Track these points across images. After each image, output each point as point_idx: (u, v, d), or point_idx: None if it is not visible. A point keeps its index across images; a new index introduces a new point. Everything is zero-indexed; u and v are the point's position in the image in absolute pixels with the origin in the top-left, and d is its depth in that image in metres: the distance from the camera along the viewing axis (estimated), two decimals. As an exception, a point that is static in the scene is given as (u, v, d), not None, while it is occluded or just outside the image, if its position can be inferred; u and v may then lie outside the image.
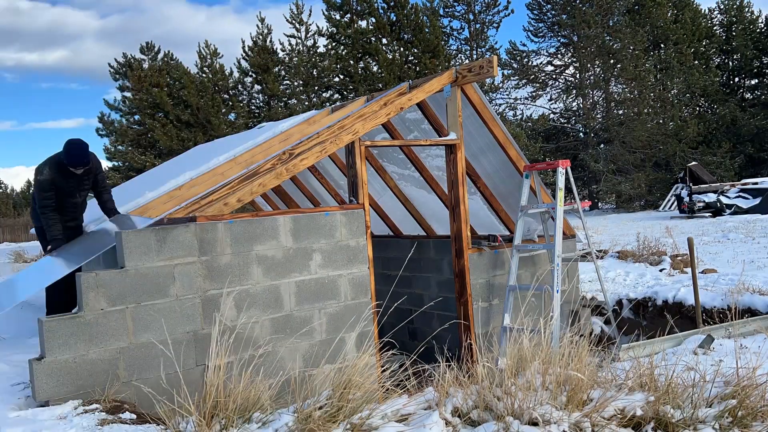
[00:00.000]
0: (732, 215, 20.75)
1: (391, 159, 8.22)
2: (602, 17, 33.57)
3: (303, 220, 5.30)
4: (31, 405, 4.13)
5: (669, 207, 25.14)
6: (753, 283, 7.76)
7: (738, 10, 40.65)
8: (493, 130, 6.84)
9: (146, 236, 4.53)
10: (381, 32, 27.90)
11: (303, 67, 28.89)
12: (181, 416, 3.60)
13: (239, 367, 4.15)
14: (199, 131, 26.48)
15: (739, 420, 3.37)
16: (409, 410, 3.52)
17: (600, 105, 35.89)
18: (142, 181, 10.86)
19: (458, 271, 6.72)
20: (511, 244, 6.92)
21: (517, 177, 7.16)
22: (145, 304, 4.50)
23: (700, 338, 5.89)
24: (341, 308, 5.47)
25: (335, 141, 5.59)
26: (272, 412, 3.52)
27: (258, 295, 5.02)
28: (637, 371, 3.77)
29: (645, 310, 8.06)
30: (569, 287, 7.44)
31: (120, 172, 28.13)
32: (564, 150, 35.68)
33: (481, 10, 37.22)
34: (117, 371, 4.35)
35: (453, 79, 6.44)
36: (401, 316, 7.08)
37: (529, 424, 3.32)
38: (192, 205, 4.92)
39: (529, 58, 37.07)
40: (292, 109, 28.13)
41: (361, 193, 5.72)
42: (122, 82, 30.89)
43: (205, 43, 29.36)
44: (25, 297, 5.41)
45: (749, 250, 11.84)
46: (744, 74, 40.41)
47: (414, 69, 27.33)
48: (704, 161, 31.57)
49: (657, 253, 11.32)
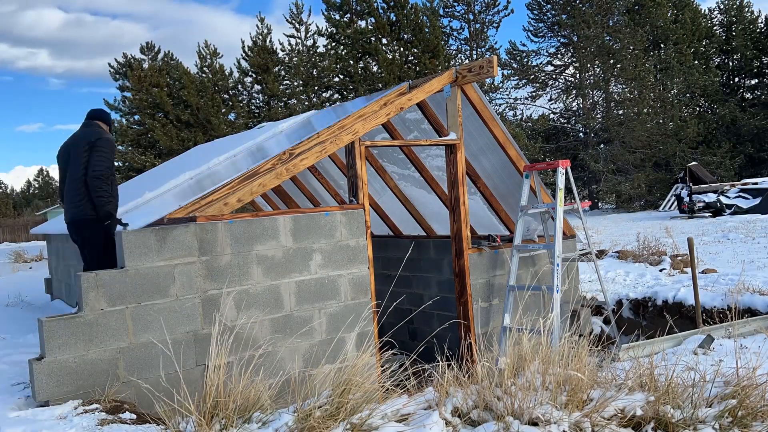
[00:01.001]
0: (732, 215, 20.75)
1: (391, 159, 8.22)
2: (602, 17, 33.59)
3: (303, 220, 5.30)
4: (31, 405, 4.13)
5: (669, 207, 25.15)
6: (753, 283, 7.76)
7: (738, 10, 40.67)
8: (493, 130, 6.84)
9: (146, 236, 4.53)
10: (381, 32, 27.90)
11: (303, 67, 28.91)
12: (181, 416, 3.60)
13: (239, 367, 4.15)
14: (199, 131, 26.49)
15: (739, 420, 3.37)
16: (409, 410, 3.52)
17: (600, 105, 35.90)
18: (142, 181, 10.87)
19: (458, 271, 6.72)
20: (511, 244, 6.92)
21: (517, 177, 7.16)
22: (145, 304, 4.50)
23: (700, 338, 5.89)
24: (341, 308, 5.47)
25: (335, 141, 5.59)
26: (272, 412, 3.52)
27: (258, 295, 5.02)
28: (637, 371, 3.77)
29: (645, 310, 8.06)
30: (569, 287, 7.44)
31: (120, 172, 28.12)
32: (564, 150, 35.70)
33: (481, 10, 37.24)
34: (117, 371, 4.35)
35: (453, 79, 6.44)
36: (401, 316, 7.08)
37: (529, 424, 3.32)
38: (192, 204, 4.92)
39: (529, 58, 37.11)
40: (291, 109, 28.14)
41: (361, 193, 5.72)
42: (122, 82, 30.91)
43: (205, 43, 29.39)
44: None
45: (749, 250, 11.84)
46: (744, 74, 40.43)
47: (414, 69, 27.34)
48: (704, 161, 31.58)
49: (657, 253, 11.32)
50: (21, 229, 39.52)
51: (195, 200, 4.97)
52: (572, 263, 7.52)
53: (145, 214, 5.65)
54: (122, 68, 31.46)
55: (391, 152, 8.07)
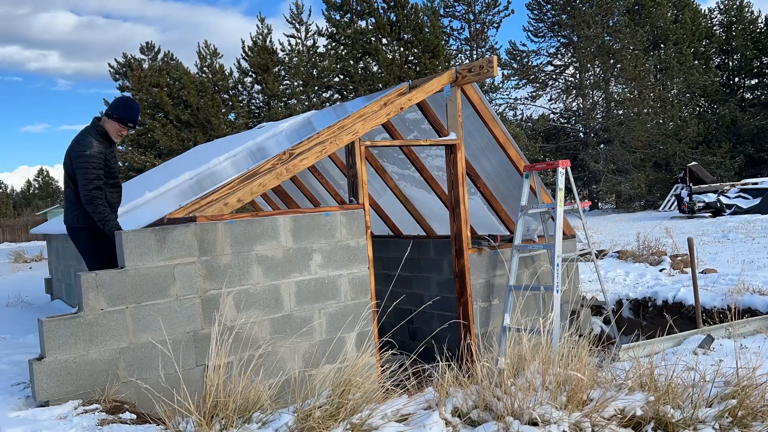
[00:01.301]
0: (732, 215, 20.75)
1: (391, 159, 8.22)
2: (602, 17, 33.59)
3: (303, 220, 5.30)
4: (31, 405, 4.13)
5: (669, 207, 25.15)
6: (753, 283, 7.76)
7: (738, 10, 40.68)
8: (493, 130, 6.84)
9: (146, 236, 4.53)
10: (381, 32, 27.89)
11: (303, 67, 28.91)
12: (181, 416, 3.60)
13: (239, 367, 4.15)
14: (199, 131, 26.49)
15: (739, 420, 3.37)
16: (409, 410, 3.53)
17: (600, 105, 35.90)
18: (142, 181, 10.87)
19: (458, 271, 6.72)
20: (511, 244, 6.93)
21: (517, 177, 7.17)
22: (145, 304, 4.50)
23: (700, 338, 5.89)
24: (341, 308, 5.47)
25: (335, 141, 5.59)
26: (272, 412, 3.52)
27: (258, 295, 5.02)
28: (637, 371, 3.77)
29: (645, 310, 8.06)
30: (569, 287, 7.45)
31: (120, 172, 28.09)
32: (564, 150, 35.70)
33: (481, 10, 37.25)
34: (117, 371, 4.35)
35: (453, 79, 6.44)
36: (401, 316, 7.08)
37: (529, 424, 3.32)
38: (192, 205, 4.92)
39: (529, 58, 37.11)
40: (291, 109, 28.14)
41: (361, 193, 5.72)
42: (122, 82, 30.90)
43: (205, 43, 29.39)
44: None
45: (749, 250, 11.84)
46: (744, 74, 40.43)
47: (414, 69, 27.33)
48: (704, 161, 31.58)
49: (657, 253, 11.31)
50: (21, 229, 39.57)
51: (195, 200, 4.97)
52: (572, 263, 7.53)
53: (145, 214, 5.65)
54: (122, 68, 31.47)
55: (391, 152, 8.08)
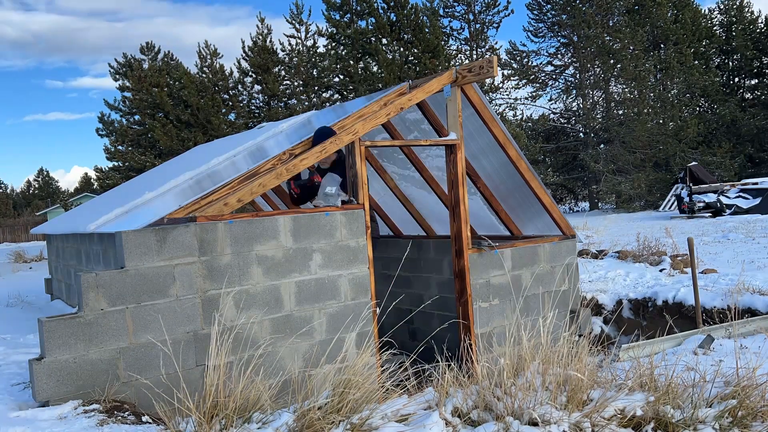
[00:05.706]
0: (732, 215, 20.75)
1: (391, 159, 8.22)
2: (602, 17, 33.61)
3: (303, 220, 5.30)
4: (31, 405, 4.13)
5: (669, 207, 25.15)
6: (753, 283, 7.76)
7: (738, 10, 40.68)
8: (493, 130, 6.84)
9: (146, 236, 4.53)
10: (381, 32, 27.89)
11: (303, 67, 28.91)
12: (181, 416, 3.60)
13: (239, 367, 4.15)
14: (199, 131, 26.49)
15: (739, 420, 3.37)
16: (409, 410, 3.52)
17: (600, 105, 35.91)
18: (142, 181, 10.87)
19: (458, 271, 6.72)
20: (512, 244, 6.92)
21: (517, 177, 7.17)
22: (145, 304, 4.50)
23: (700, 338, 5.89)
24: (341, 308, 5.47)
25: (335, 141, 5.59)
26: (272, 412, 3.52)
27: (258, 295, 5.02)
28: (637, 371, 3.77)
29: (645, 310, 8.06)
30: (569, 287, 7.44)
31: (120, 172, 28.14)
32: (564, 150, 35.72)
33: (481, 10, 37.24)
34: (117, 371, 4.35)
35: (453, 80, 6.44)
36: (401, 316, 7.08)
37: (529, 424, 3.32)
38: (192, 205, 4.92)
39: (529, 58, 37.13)
40: (292, 109, 28.15)
41: (361, 193, 5.72)
42: (122, 82, 30.89)
43: (205, 43, 29.40)
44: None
45: (749, 250, 11.83)
46: (744, 74, 40.44)
47: (414, 69, 27.33)
48: (704, 161, 31.58)
49: (657, 253, 11.31)
50: (21, 229, 39.58)
51: (195, 200, 4.97)
52: (573, 263, 7.52)
53: (145, 214, 5.65)
54: (122, 68, 31.46)
55: (391, 152, 8.08)
